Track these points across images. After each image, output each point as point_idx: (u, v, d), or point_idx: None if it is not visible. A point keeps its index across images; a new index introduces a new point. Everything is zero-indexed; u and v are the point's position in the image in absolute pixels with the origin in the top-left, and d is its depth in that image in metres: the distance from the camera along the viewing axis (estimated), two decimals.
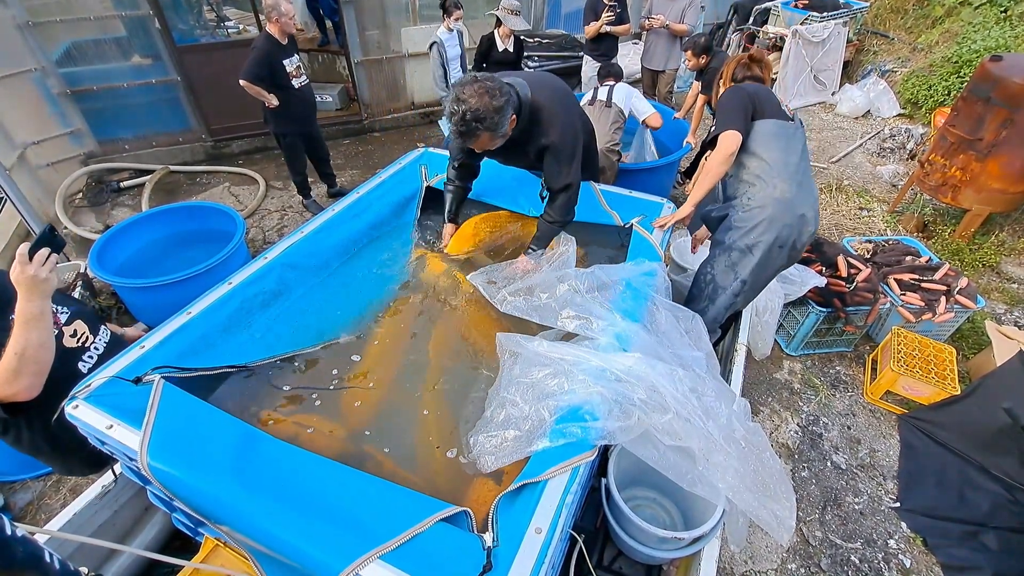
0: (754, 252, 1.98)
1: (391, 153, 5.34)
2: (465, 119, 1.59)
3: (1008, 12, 5.62)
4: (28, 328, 1.18)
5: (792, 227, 1.94)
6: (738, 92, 1.99)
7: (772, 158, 1.93)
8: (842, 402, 2.93)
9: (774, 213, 1.91)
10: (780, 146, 1.94)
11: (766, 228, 1.93)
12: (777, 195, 1.92)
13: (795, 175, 1.93)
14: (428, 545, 0.96)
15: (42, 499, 2.35)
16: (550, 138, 1.83)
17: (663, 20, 4.52)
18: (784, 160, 1.93)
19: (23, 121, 4.00)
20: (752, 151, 1.96)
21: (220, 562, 1.25)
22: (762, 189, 1.94)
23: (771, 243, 1.94)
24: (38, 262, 1.17)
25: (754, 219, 1.94)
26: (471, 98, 1.59)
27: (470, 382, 1.54)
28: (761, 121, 1.95)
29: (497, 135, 1.69)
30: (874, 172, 5.19)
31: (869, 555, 2.25)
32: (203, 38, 4.88)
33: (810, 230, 1.98)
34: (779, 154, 1.94)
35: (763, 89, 2.02)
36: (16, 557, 0.93)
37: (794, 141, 1.97)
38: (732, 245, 2.00)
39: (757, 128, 1.95)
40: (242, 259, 3.10)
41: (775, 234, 1.93)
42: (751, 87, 2.01)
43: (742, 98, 1.95)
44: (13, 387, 1.19)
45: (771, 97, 2.01)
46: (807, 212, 1.95)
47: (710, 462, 1.19)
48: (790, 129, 1.97)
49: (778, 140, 1.95)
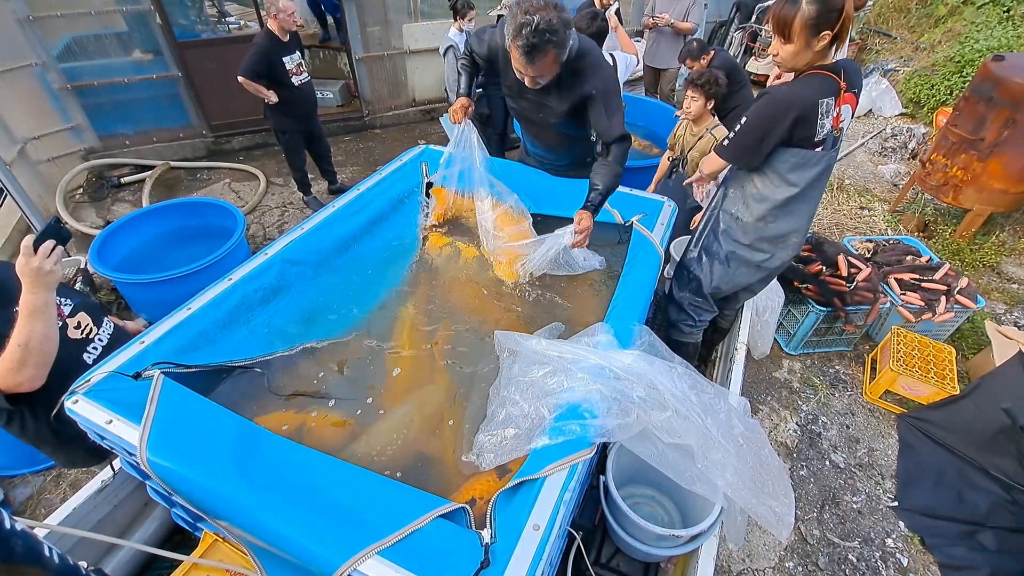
0: (730, 263, 1.99)
1: (392, 150, 5.33)
2: (538, 29, 1.51)
3: (1011, 12, 5.60)
4: (32, 319, 1.19)
5: (772, 256, 1.93)
6: (776, 114, 1.60)
7: (776, 195, 1.76)
8: (841, 401, 2.94)
9: (757, 243, 1.90)
10: (792, 180, 1.72)
11: (746, 251, 1.94)
12: (768, 233, 1.86)
13: (795, 211, 1.79)
14: (426, 541, 0.97)
15: (42, 494, 2.35)
16: (596, 85, 1.75)
17: (667, 19, 4.51)
18: (790, 199, 1.75)
19: (23, 116, 3.99)
20: (762, 173, 1.78)
21: (219, 557, 1.25)
22: (755, 217, 1.85)
23: (748, 262, 1.96)
24: (43, 254, 1.18)
25: (738, 236, 1.94)
26: (542, 10, 1.51)
27: (470, 381, 1.54)
28: (784, 150, 1.68)
29: (561, 56, 1.62)
30: (875, 171, 5.18)
31: (867, 554, 2.26)
32: (204, 33, 4.87)
33: (787, 256, 1.93)
34: (784, 191, 1.74)
35: (812, 105, 1.57)
36: (16, 551, 0.93)
37: (811, 172, 1.70)
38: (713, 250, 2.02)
39: (776, 156, 1.71)
40: (242, 255, 3.10)
41: (753, 258, 1.94)
42: (802, 103, 1.57)
43: (771, 126, 1.62)
44: (17, 378, 1.20)
45: (812, 116, 1.58)
46: (794, 238, 1.88)
47: (708, 459, 1.19)
48: (813, 160, 1.67)
49: (793, 174, 1.71)
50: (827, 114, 1.59)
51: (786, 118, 1.59)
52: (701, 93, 2.67)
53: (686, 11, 4.48)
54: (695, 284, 2.14)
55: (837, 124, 1.64)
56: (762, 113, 1.65)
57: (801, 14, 1.49)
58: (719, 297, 2.17)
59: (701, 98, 2.68)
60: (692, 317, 2.21)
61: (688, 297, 2.19)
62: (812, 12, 1.47)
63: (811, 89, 1.58)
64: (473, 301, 1.84)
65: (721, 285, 2.08)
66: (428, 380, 1.55)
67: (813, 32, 1.50)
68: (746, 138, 1.70)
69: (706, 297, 2.14)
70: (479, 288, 1.89)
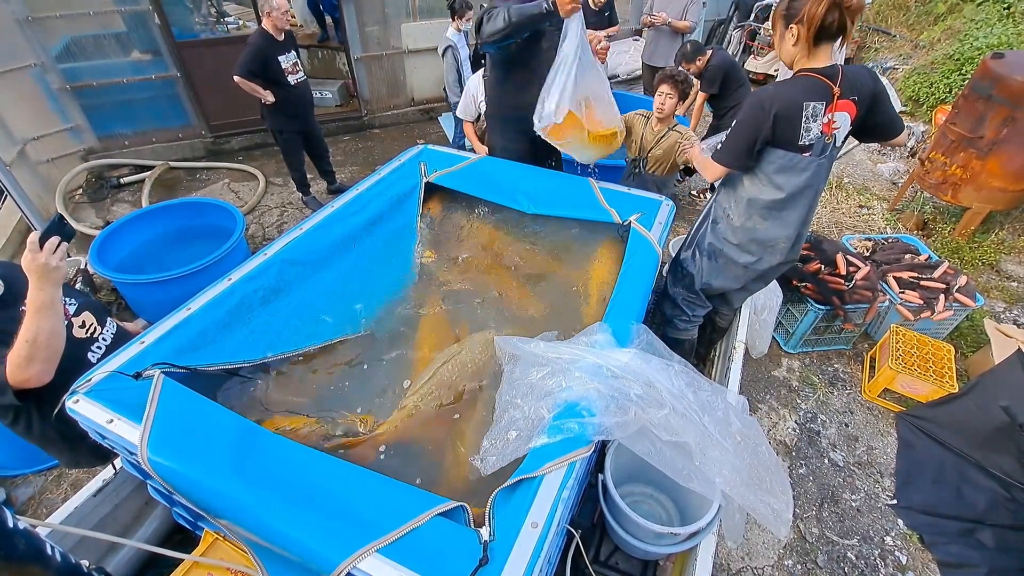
0: (717, 259, 2.01)
1: (391, 149, 5.33)
2: None
3: (1011, 9, 5.59)
4: (40, 316, 1.20)
5: (760, 259, 1.93)
6: (759, 112, 1.61)
7: (762, 196, 1.77)
8: (840, 400, 2.94)
9: (745, 244, 1.92)
10: (778, 183, 1.72)
11: (733, 251, 1.95)
12: (755, 236, 1.87)
13: (782, 217, 1.79)
14: (425, 539, 0.97)
15: (44, 493, 2.36)
16: None
17: (665, 17, 4.51)
18: (776, 203, 1.76)
19: (23, 117, 4.00)
20: (752, 174, 1.79)
21: (220, 555, 1.26)
22: (743, 218, 1.86)
23: (735, 262, 1.98)
24: (48, 250, 1.19)
25: (727, 234, 1.95)
26: None
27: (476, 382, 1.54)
28: (771, 150, 1.68)
29: None
30: (874, 170, 5.18)
31: (866, 552, 2.27)
32: (202, 33, 4.87)
33: (775, 260, 1.93)
34: (770, 193, 1.74)
35: (795, 105, 1.57)
36: (18, 550, 0.94)
37: (798, 178, 1.69)
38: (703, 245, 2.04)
39: (765, 156, 1.71)
40: (242, 255, 3.10)
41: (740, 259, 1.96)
42: (784, 101, 1.58)
43: (757, 124, 1.62)
44: (26, 373, 1.21)
45: (795, 116, 1.58)
46: (782, 244, 1.88)
47: (706, 457, 1.20)
48: (800, 164, 1.66)
49: (779, 176, 1.71)
50: (814, 118, 1.58)
51: (768, 116, 1.59)
52: (677, 91, 2.57)
53: (684, 9, 4.48)
54: (688, 280, 2.17)
55: (829, 131, 1.62)
56: (747, 112, 1.65)
57: (779, 4, 1.60)
58: (710, 294, 2.18)
59: (676, 96, 2.57)
60: (686, 312, 2.23)
61: (682, 292, 2.21)
62: (784, 3, 1.57)
63: (795, 90, 1.58)
64: (473, 306, 1.84)
65: (711, 281, 2.09)
66: (429, 379, 1.56)
67: (783, 23, 1.58)
68: (737, 139, 1.70)
69: (698, 293, 2.16)
70: (479, 289, 1.90)
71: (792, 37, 1.55)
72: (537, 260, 2.06)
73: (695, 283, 2.13)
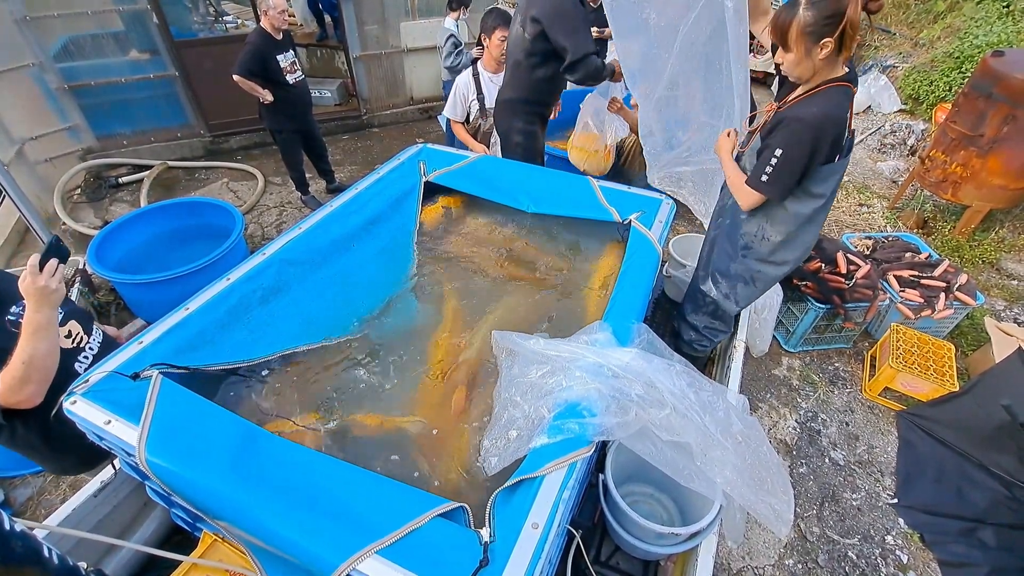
0: (755, 283, 1.98)
1: (390, 149, 5.33)
2: None
3: (1011, 7, 5.58)
4: (37, 337, 1.20)
5: (797, 263, 1.92)
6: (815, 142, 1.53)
7: (803, 210, 1.72)
8: (840, 398, 2.94)
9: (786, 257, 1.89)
10: (818, 193, 1.69)
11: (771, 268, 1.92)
12: (794, 244, 1.83)
13: (817, 219, 1.77)
14: (425, 540, 0.97)
15: (42, 495, 2.35)
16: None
17: None
18: (816, 210, 1.73)
19: (21, 116, 3.99)
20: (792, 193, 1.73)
21: (218, 557, 1.25)
22: (783, 235, 1.81)
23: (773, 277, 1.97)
24: (48, 272, 1.19)
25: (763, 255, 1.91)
26: None
27: (477, 380, 1.54)
28: (817, 168, 1.62)
29: None
30: (874, 168, 5.18)
31: (866, 551, 2.26)
32: (201, 33, 4.86)
33: (798, 255, 1.92)
34: (811, 204, 1.70)
35: (843, 122, 1.55)
36: (15, 552, 0.93)
37: (834, 180, 1.69)
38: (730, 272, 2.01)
39: (808, 176, 1.66)
40: (240, 255, 3.09)
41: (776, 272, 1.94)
42: (835, 122, 1.53)
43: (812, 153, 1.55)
44: (19, 395, 1.21)
45: (844, 131, 1.56)
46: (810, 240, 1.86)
47: (707, 457, 1.19)
48: (837, 168, 1.65)
49: (819, 187, 1.68)
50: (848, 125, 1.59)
51: (826, 142, 1.54)
52: None
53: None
54: (711, 307, 2.12)
55: (850, 127, 1.63)
56: (802, 141, 1.55)
57: (798, 21, 1.43)
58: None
59: None
60: (707, 339, 2.22)
61: (705, 320, 2.17)
62: (809, 18, 1.42)
63: (840, 108, 1.53)
64: (472, 305, 1.84)
65: (744, 303, 2.07)
66: (430, 380, 1.55)
67: (812, 39, 1.44)
68: (791, 170, 1.61)
69: (722, 318, 2.13)
70: (479, 288, 1.89)
71: (822, 51, 1.46)
72: (537, 259, 2.05)
73: (722, 309, 2.09)
